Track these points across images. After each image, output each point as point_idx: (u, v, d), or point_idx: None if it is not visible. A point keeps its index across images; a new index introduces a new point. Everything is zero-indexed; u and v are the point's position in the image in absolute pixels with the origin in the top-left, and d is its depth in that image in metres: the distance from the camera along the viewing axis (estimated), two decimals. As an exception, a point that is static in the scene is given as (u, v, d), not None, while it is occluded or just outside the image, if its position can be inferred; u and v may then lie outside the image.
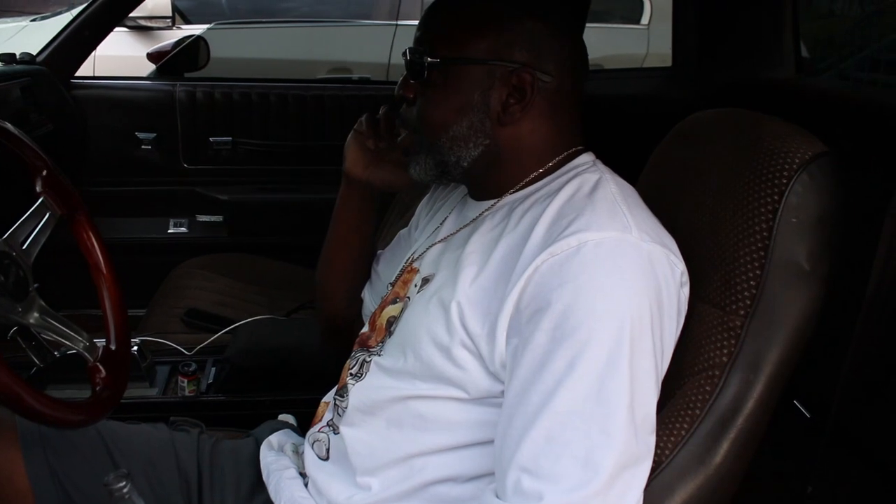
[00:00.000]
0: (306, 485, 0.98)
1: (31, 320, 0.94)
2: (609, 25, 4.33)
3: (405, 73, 0.93)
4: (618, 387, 0.74)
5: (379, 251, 1.18)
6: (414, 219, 1.14)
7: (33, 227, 1.01)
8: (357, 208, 1.11)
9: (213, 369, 1.59)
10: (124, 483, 0.84)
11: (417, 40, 0.91)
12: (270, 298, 2.05)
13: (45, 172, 1.04)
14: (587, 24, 4.21)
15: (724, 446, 0.85)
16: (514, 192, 0.90)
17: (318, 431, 1.00)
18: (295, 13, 4.28)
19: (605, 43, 4.03)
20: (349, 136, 1.07)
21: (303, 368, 1.50)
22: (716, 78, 2.31)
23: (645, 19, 4.22)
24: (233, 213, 2.41)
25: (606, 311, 0.75)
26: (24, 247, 0.98)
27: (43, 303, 0.97)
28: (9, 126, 1.03)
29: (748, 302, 0.85)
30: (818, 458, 0.99)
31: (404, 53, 0.92)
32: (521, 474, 0.75)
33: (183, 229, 2.42)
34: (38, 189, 1.03)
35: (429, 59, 0.88)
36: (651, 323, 0.78)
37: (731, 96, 2.22)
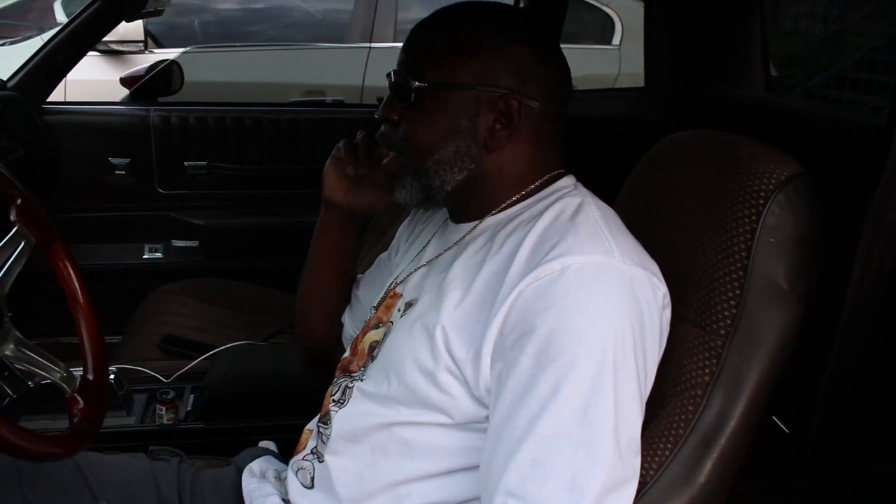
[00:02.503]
0: None
1: (7, 352, 0.93)
2: (580, 46, 4.38)
3: (389, 94, 0.93)
4: (602, 410, 0.75)
5: (358, 275, 1.18)
6: (394, 242, 1.14)
7: (8, 257, 1.00)
8: (338, 233, 1.10)
9: (192, 396, 1.57)
10: None
11: (403, 63, 0.91)
12: (248, 323, 2.03)
13: (19, 201, 1.03)
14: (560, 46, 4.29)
15: (708, 465, 0.86)
16: (495, 214, 0.91)
17: (303, 459, 0.99)
18: (262, 37, 4.29)
19: (576, 64, 4.04)
20: (327, 162, 1.07)
21: (282, 394, 1.49)
22: (688, 97, 2.35)
23: (616, 40, 4.28)
24: (208, 237, 2.39)
25: (590, 335, 0.76)
26: (-1, 277, 0.97)
27: (19, 334, 0.96)
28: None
29: (728, 321, 0.86)
30: (800, 476, 1.00)
31: (389, 75, 0.92)
32: (507, 498, 0.75)
33: (158, 255, 2.40)
34: (12, 218, 1.02)
35: (416, 82, 0.88)
36: (634, 346, 0.78)
37: (703, 115, 2.26)
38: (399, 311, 0.94)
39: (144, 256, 2.39)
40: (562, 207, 0.86)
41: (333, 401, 0.96)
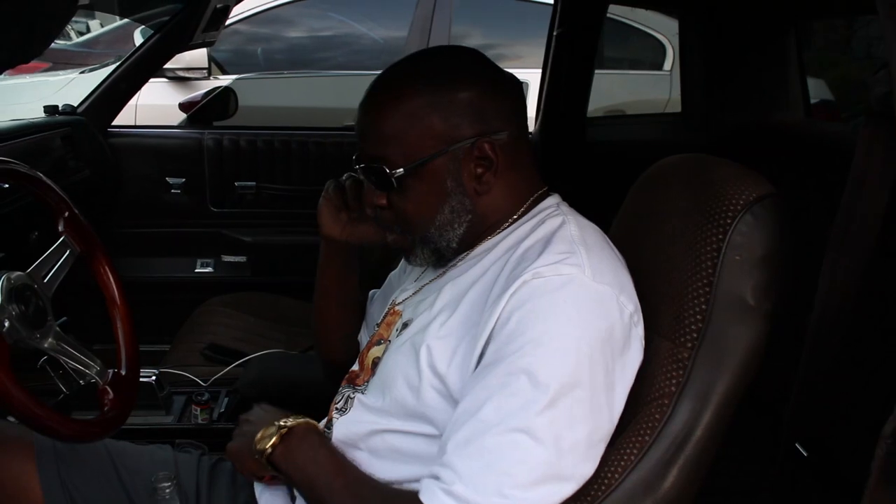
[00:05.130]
0: (294, 499, 1.04)
1: (46, 345, 1.04)
2: (633, 72, 4.42)
3: (366, 183, 0.97)
4: (543, 408, 0.80)
5: (372, 291, 1.25)
6: (402, 261, 1.19)
7: (54, 263, 1.12)
8: (339, 265, 1.17)
9: (226, 399, 1.68)
10: (169, 484, 0.92)
11: (369, 157, 0.93)
12: (289, 335, 2.13)
13: (67, 214, 1.15)
14: (611, 72, 4.32)
15: (674, 473, 0.90)
16: (486, 241, 0.96)
17: None
18: (330, 63, 4.43)
19: (628, 89, 4.12)
20: (320, 201, 1.11)
21: (307, 399, 1.57)
22: (724, 122, 2.36)
23: (667, 65, 4.29)
24: (256, 253, 2.52)
25: (546, 341, 0.81)
26: (46, 280, 1.09)
27: (59, 330, 1.08)
28: (39, 174, 1.15)
29: (695, 335, 0.90)
30: (777, 479, 1.03)
31: (362, 168, 0.96)
32: (440, 469, 0.82)
33: (209, 269, 2.55)
34: (60, 229, 1.14)
35: (393, 171, 0.91)
36: (591, 358, 0.83)
37: (739, 140, 2.27)
38: (397, 330, 1.01)
39: (196, 270, 2.54)
40: (544, 229, 0.92)
41: (336, 408, 1.04)
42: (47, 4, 0.99)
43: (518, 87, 0.97)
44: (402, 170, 0.91)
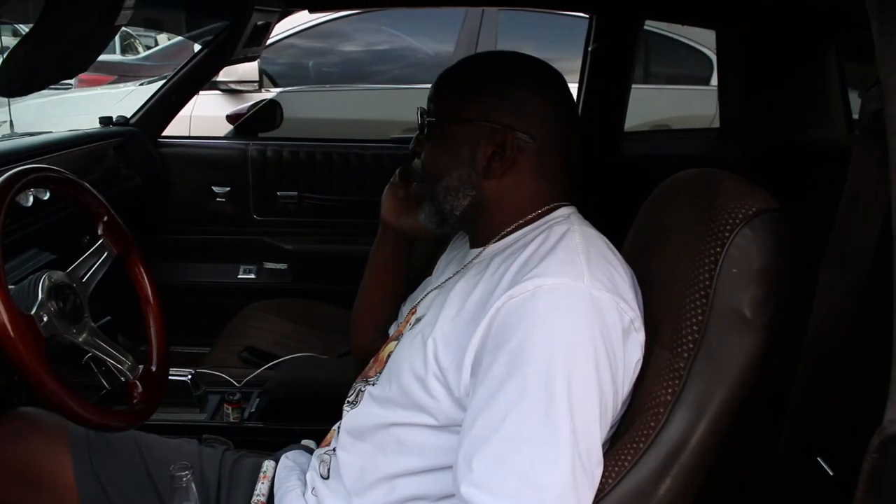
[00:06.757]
0: (310, 492, 1.09)
1: (81, 340, 1.11)
2: (679, 87, 4.39)
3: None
4: (563, 417, 0.83)
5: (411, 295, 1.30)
6: (436, 266, 1.25)
7: (93, 264, 1.20)
8: (390, 252, 1.25)
9: (257, 400, 1.75)
10: (186, 472, 0.98)
11: (427, 102, 1.05)
12: (325, 341, 2.19)
13: (105, 218, 1.23)
14: (657, 87, 4.29)
15: (668, 481, 0.91)
16: (496, 242, 1.02)
17: (324, 453, 1.12)
18: (383, 77, 4.50)
19: (674, 104, 4.09)
20: (386, 187, 1.22)
21: (334, 400, 1.63)
22: (762, 138, 2.34)
23: (714, 80, 4.25)
24: (297, 261, 2.60)
25: (554, 349, 0.84)
26: (84, 280, 1.17)
27: (95, 327, 1.15)
28: (80, 180, 1.23)
29: (691, 346, 0.92)
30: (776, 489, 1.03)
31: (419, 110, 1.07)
32: (472, 489, 0.84)
33: (251, 275, 2.63)
34: (99, 232, 1.22)
35: (429, 117, 1.02)
36: (596, 363, 0.86)
37: (779, 156, 2.25)
38: (410, 325, 1.07)
39: (239, 276, 2.62)
40: (549, 237, 0.96)
41: (348, 402, 1.10)
42: (88, 24, 1.07)
43: (568, 109, 1.03)
44: (435, 119, 1.01)
